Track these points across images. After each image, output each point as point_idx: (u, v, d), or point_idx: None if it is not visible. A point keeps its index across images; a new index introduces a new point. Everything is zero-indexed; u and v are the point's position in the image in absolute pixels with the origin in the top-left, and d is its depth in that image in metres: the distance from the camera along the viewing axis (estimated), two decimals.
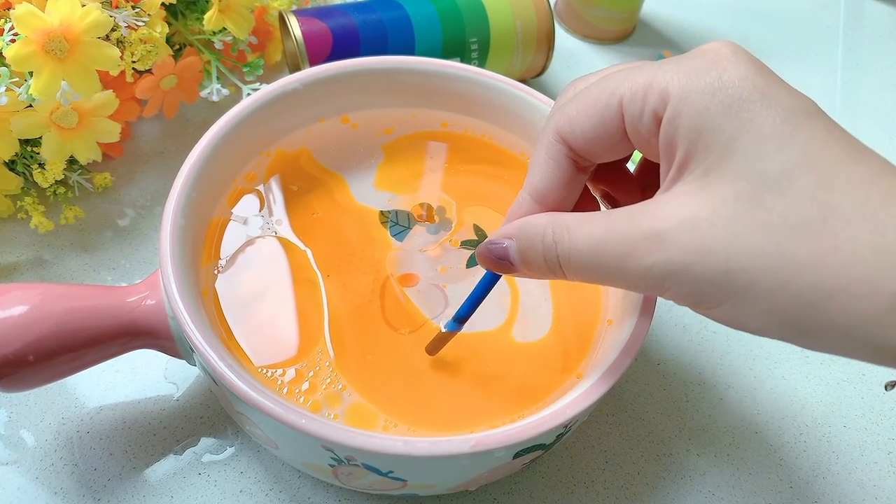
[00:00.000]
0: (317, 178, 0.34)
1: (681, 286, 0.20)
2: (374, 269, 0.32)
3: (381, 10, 0.41)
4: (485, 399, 0.28)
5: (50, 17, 0.30)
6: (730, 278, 0.19)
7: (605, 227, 0.21)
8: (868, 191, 0.18)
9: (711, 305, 0.20)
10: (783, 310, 0.19)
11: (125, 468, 0.31)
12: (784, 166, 0.19)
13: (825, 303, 0.18)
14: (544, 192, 0.24)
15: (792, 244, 0.18)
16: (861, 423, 0.35)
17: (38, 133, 0.33)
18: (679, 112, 0.20)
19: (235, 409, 0.27)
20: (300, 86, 0.33)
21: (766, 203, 0.19)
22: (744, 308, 0.20)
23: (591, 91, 0.23)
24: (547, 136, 0.24)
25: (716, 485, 0.32)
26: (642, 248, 0.20)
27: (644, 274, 0.21)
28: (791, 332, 0.19)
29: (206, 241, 0.31)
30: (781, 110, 0.19)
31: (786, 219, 0.19)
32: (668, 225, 0.20)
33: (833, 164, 0.19)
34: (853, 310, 0.18)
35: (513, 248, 0.24)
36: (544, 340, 0.30)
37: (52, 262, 0.37)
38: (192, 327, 0.25)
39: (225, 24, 0.38)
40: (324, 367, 0.28)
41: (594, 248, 0.22)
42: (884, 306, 0.18)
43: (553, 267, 0.23)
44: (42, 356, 0.26)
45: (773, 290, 0.19)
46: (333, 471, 0.26)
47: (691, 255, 0.20)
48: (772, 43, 0.55)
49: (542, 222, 0.23)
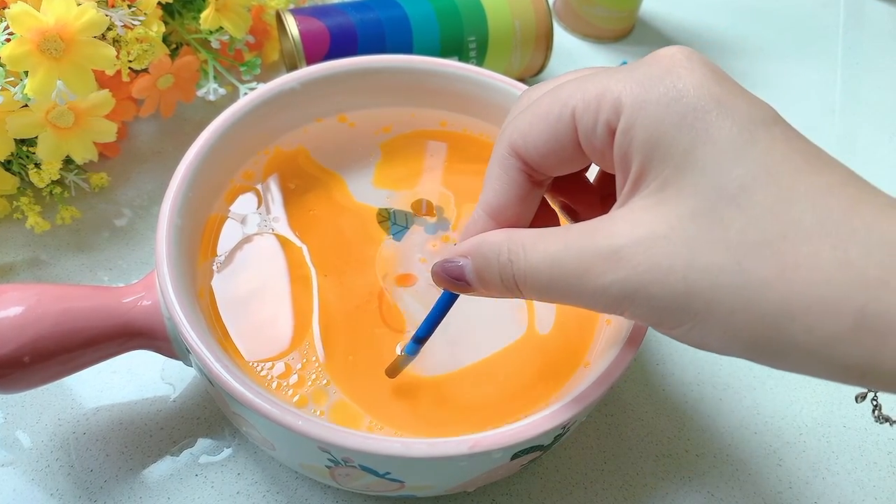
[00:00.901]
0: (315, 177, 0.34)
1: (638, 306, 0.20)
2: (371, 268, 0.31)
3: (378, 9, 0.41)
4: (473, 406, 0.28)
5: (45, 17, 0.30)
6: (689, 299, 0.19)
7: (562, 245, 0.21)
8: (829, 204, 0.18)
9: (672, 325, 0.20)
10: (745, 330, 0.18)
11: (122, 469, 0.30)
12: (742, 180, 0.18)
13: (788, 323, 0.18)
14: (499, 208, 0.23)
15: (752, 262, 0.18)
16: (860, 423, 0.35)
17: (33, 133, 0.33)
18: (633, 123, 0.20)
19: (232, 410, 0.27)
20: (297, 85, 0.33)
21: (724, 219, 0.18)
22: (705, 328, 0.19)
23: (543, 102, 0.22)
24: (500, 150, 0.23)
25: (715, 485, 0.32)
26: (599, 267, 0.20)
27: (601, 293, 0.20)
28: (755, 353, 0.19)
29: (203, 238, 0.31)
30: (738, 120, 0.19)
31: (745, 235, 0.18)
32: (624, 242, 0.19)
33: (793, 175, 0.18)
34: (817, 329, 0.17)
35: (468, 267, 0.23)
36: (520, 346, 0.30)
37: (48, 263, 0.37)
38: (188, 328, 0.25)
39: (222, 23, 0.38)
40: (310, 363, 0.28)
41: (550, 266, 0.21)
42: (847, 325, 0.17)
43: (510, 286, 0.22)
44: (38, 357, 0.26)
45: (735, 310, 0.18)
46: (330, 472, 0.26)
47: (648, 275, 0.19)
48: (771, 42, 0.55)
49: (498, 240, 0.22)
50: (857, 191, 0.18)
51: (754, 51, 0.54)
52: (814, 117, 0.50)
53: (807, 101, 0.51)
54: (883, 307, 0.17)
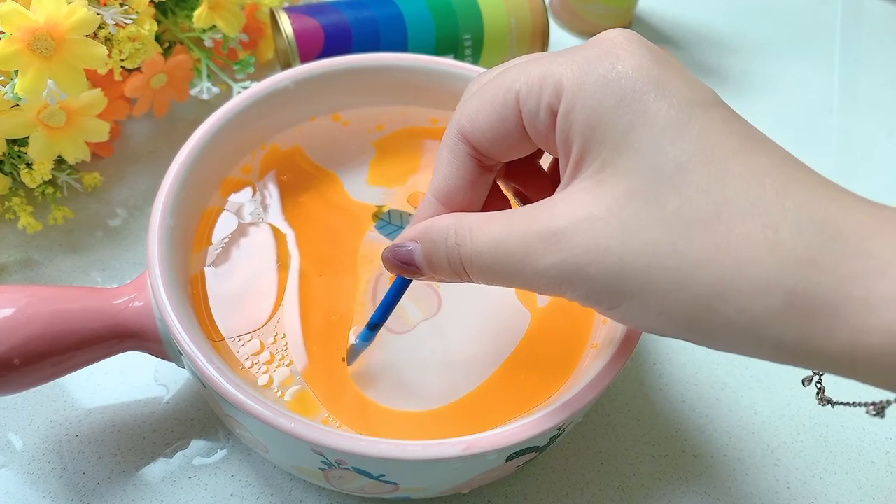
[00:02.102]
0: (311, 175, 0.34)
1: (577, 288, 0.20)
2: (367, 268, 0.31)
3: (373, 7, 0.41)
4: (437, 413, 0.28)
5: (35, 15, 0.30)
6: (625, 279, 0.19)
7: (506, 228, 0.21)
8: (763, 184, 0.18)
9: (610, 306, 0.20)
10: (680, 311, 0.18)
11: (114, 472, 0.30)
12: (678, 160, 0.18)
13: (721, 303, 0.18)
14: (449, 192, 0.23)
15: (686, 242, 0.18)
16: (858, 422, 0.34)
17: (25, 133, 0.33)
18: (573, 106, 0.20)
19: (225, 412, 0.26)
20: (291, 83, 0.33)
21: (660, 199, 0.18)
22: (641, 309, 0.19)
23: (489, 87, 0.22)
24: (449, 135, 0.23)
25: (712, 486, 0.32)
26: (539, 249, 0.20)
27: (542, 275, 0.20)
28: (690, 333, 0.19)
29: (198, 230, 0.31)
30: (677, 101, 0.19)
31: (680, 215, 0.18)
32: (564, 224, 0.19)
33: (729, 156, 0.18)
34: (749, 309, 0.18)
35: (418, 251, 0.23)
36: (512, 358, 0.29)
37: (40, 263, 0.36)
38: (180, 330, 0.25)
39: (215, 21, 0.38)
40: (279, 344, 0.28)
41: (494, 249, 0.21)
42: (778, 305, 0.17)
43: (457, 269, 0.22)
44: (28, 359, 0.25)
45: (669, 291, 0.18)
46: (324, 474, 0.26)
47: (586, 256, 0.19)
48: (769, 39, 0.55)
49: (446, 224, 0.22)
50: (791, 171, 0.18)
51: (752, 48, 0.54)
52: (812, 115, 0.50)
53: (805, 99, 0.51)
54: (812, 287, 0.17)
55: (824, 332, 0.17)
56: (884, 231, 0.17)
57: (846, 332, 0.17)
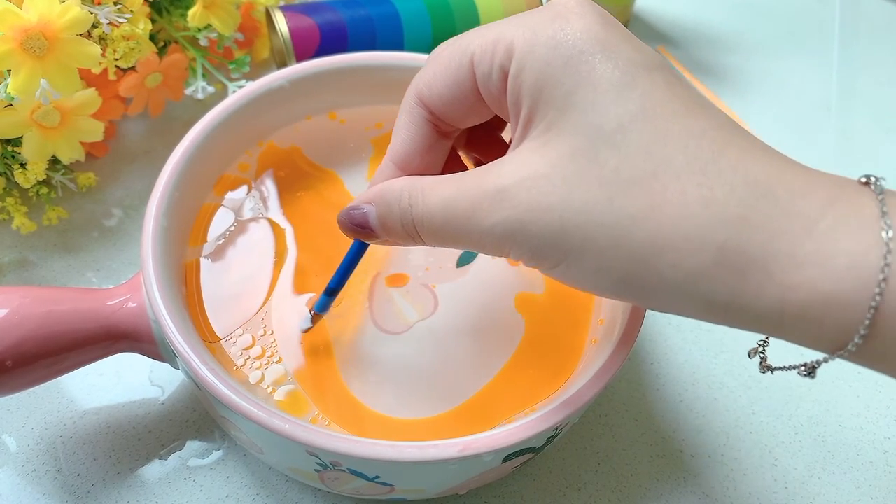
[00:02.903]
0: (310, 175, 0.34)
1: (520, 245, 0.20)
2: (362, 268, 0.31)
3: (369, 6, 0.41)
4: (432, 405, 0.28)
5: (28, 15, 0.29)
6: (565, 236, 0.19)
7: (456, 188, 0.21)
8: (701, 145, 0.18)
9: (551, 265, 0.20)
10: (617, 267, 0.19)
11: (109, 473, 0.30)
12: (620, 120, 0.19)
13: (656, 259, 0.18)
14: (405, 156, 0.24)
15: (624, 199, 0.18)
16: (857, 422, 0.34)
17: (18, 132, 0.33)
18: (522, 67, 0.20)
19: (219, 413, 0.26)
20: (286, 83, 0.33)
21: (600, 158, 0.19)
22: (580, 266, 0.19)
23: (446, 51, 0.22)
24: (407, 100, 0.24)
25: (710, 486, 0.32)
26: (485, 207, 0.20)
27: (487, 233, 0.20)
28: (627, 290, 0.19)
29: (193, 227, 0.31)
30: (621, 64, 0.19)
31: (619, 173, 0.18)
32: (509, 182, 0.20)
33: (669, 117, 0.19)
34: (682, 265, 0.18)
35: (372, 213, 0.23)
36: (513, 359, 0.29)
37: (35, 264, 0.36)
38: (174, 331, 0.25)
39: (210, 20, 0.38)
40: (269, 346, 0.28)
41: (444, 209, 0.21)
42: (710, 260, 0.18)
43: (410, 231, 0.22)
44: (20, 361, 0.25)
45: (607, 247, 0.19)
46: (320, 476, 0.26)
47: (529, 213, 0.19)
48: (767, 38, 0.54)
49: (400, 186, 0.23)
50: (729, 135, 0.19)
51: (750, 47, 0.53)
52: (810, 113, 0.49)
53: (803, 98, 0.50)
54: (743, 244, 0.17)
55: (753, 288, 0.18)
56: (813, 191, 0.18)
57: (774, 288, 0.17)
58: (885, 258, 0.16)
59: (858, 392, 0.35)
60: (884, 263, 0.16)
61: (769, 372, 0.22)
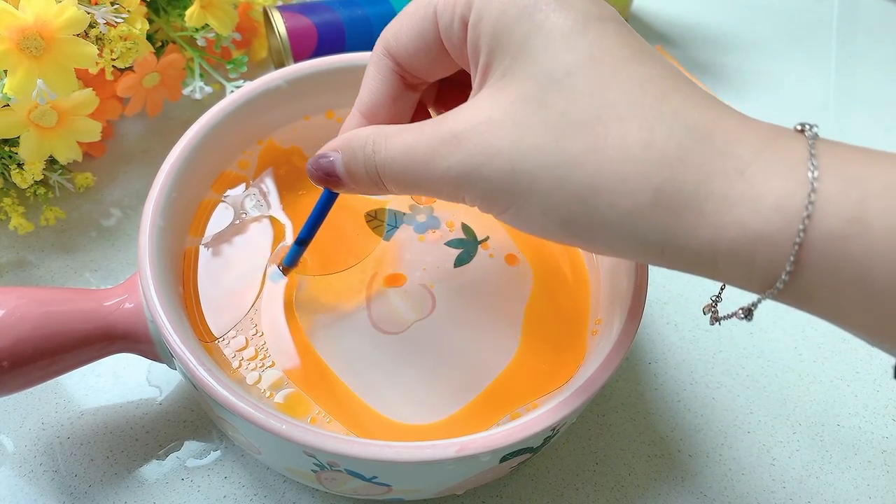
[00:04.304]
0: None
1: (473, 188, 0.21)
2: (360, 268, 0.31)
3: (366, 6, 0.41)
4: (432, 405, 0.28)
5: (24, 15, 0.29)
6: (514, 178, 0.20)
7: (416, 134, 0.22)
8: (645, 90, 0.19)
9: (502, 209, 0.21)
10: (560, 208, 0.19)
11: (107, 474, 0.30)
12: (569, 67, 0.19)
13: (596, 199, 0.19)
14: (372, 106, 0.24)
15: (569, 142, 0.19)
16: (855, 421, 0.34)
17: (15, 133, 0.33)
18: (481, 16, 0.21)
19: (216, 414, 0.26)
20: (284, 83, 0.33)
21: (549, 102, 0.19)
22: (528, 209, 0.20)
23: (413, 4, 0.23)
24: (375, 51, 0.24)
25: (708, 485, 0.32)
26: (441, 152, 0.21)
27: (443, 176, 0.21)
28: (572, 232, 0.20)
29: (190, 231, 0.31)
30: (574, 14, 0.20)
31: (565, 117, 0.19)
32: (465, 128, 0.20)
33: (616, 64, 0.19)
34: (620, 205, 0.19)
35: (339, 161, 0.24)
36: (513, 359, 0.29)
37: (33, 264, 0.36)
38: (171, 332, 0.25)
39: (207, 20, 0.37)
40: (261, 347, 0.28)
41: (404, 154, 0.22)
42: (647, 200, 0.18)
43: (374, 178, 0.23)
44: (17, 362, 0.25)
45: (552, 188, 0.19)
46: (317, 476, 0.26)
47: (481, 156, 0.20)
48: (765, 37, 0.54)
49: (365, 134, 0.23)
50: (673, 82, 0.19)
51: (748, 46, 0.53)
52: (808, 112, 0.49)
53: (801, 97, 0.50)
54: (678, 185, 0.18)
55: (687, 228, 0.18)
56: (749, 136, 0.18)
57: (706, 228, 0.18)
58: (809, 197, 0.17)
59: (856, 392, 0.35)
60: (808, 202, 0.17)
61: (717, 323, 0.23)
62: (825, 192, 0.17)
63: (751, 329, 0.37)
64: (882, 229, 0.17)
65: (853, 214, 0.17)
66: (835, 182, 0.17)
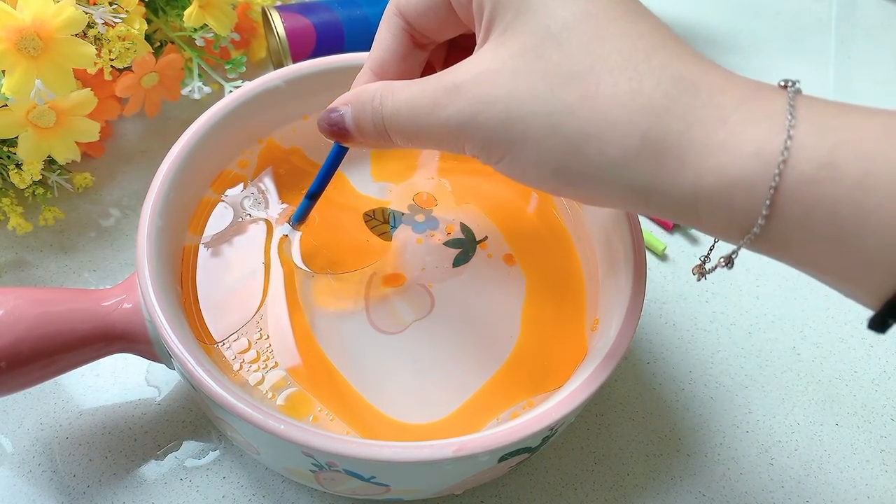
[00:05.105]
0: (311, 174, 0.34)
1: (472, 137, 0.21)
2: (355, 263, 0.31)
3: (365, 6, 0.41)
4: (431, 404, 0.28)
5: (22, 15, 0.29)
6: (509, 126, 0.21)
7: (421, 87, 0.23)
8: (636, 45, 0.20)
9: (498, 157, 0.22)
10: (553, 156, 0.20)
11: (105, 474, 0.30)
12: (565, 21, 0.20)
13: (586, 145, 0.20)
14: (382, 63, 0.26)
15: (562, 91, 0.20)
16: (853, 420, 0.34)
17: (13, 133, 0.33)
18: None
19: (215, 414, 0.26)
20: (282, 83, 0.33)
21: (545, 54, 0.20)
22: (522, 157, 0.21)
23: None
24: (387, 12, 0.26)
25: (706, 485, 0.32)
26: (443, 101, 0.22)
27: (444, 125, 0.22)
28: (563, 181, 0.21)
29: (188, 231, 0.31)
30: None
31: (560, 67, 0.20)
32: (465, 78, 0.21)
33: (610, 20, 0.20)
34: (608, 151, 0.20)
35: (348, 114, 0.25)
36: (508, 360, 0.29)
37: (32, 265, 0.36)
38: (169, 332, 0.25)
39: (206, 20, 0.37)
40: (265, 350, 0.28)
41: (408, 105, 0.23)
42: (634, 147, 0.19)
43: (380, 130, 0.24)
44: (14, 362, 0.25)
45: (545, 136, 0.20)
46: (315, 476, 0.26)
47: (479, 105, 0.21)
48: (764, 36, 0.54)
49: (374, 88, 0.24)
50: (663, 38, 0.20)
51: (747, 46, 0.53)
52: None
53: None
54: (663, 132, 0.19)
55: (670, 175, 0.19)
56: (733, 89, 0.19)
57: (688, 175, 0.19)
58: (785, 143, 0.18)
59: (855, 391, 0.35)
60: (783, 147, 0.18)
61: (704, 278, 0.24)
62: (800, 140, 0.18)
63: (749, 329, 0.37)
64: (851, 174, 0.17)
65: (826, 160, 0.18)
66: (810, 130, 0.18)
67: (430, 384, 0.28)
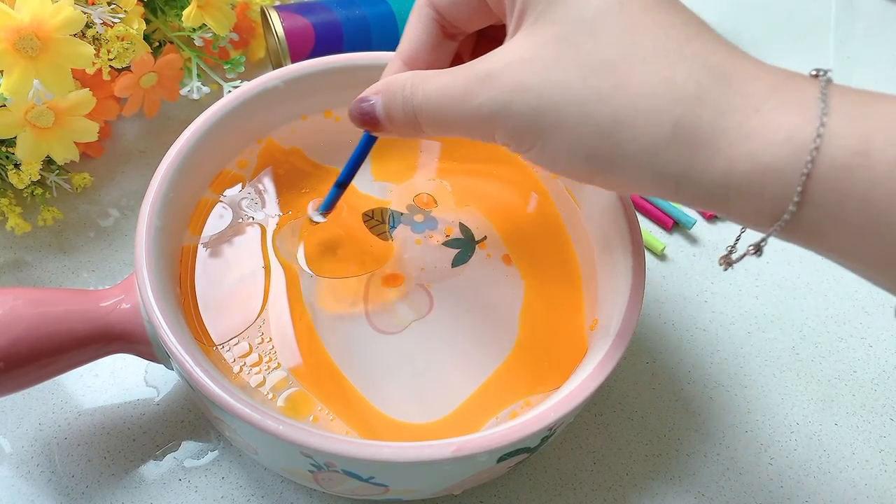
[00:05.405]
0: (310, 174, 0.34)
1: (503, 125, 0.22)
2: (358, 267, 0.31)
3: (364, 6, 0.41)
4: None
5: (20, 15, 0.29)
6: (541, 114, 0.21)
7: (452, 76, 0.23)
8: (668, 35, 0.20)
9: (530, 144, 0.22)
10: (585, 143, 0.20)
11: (104, 475, 0.30)
12: (598, 10, 0.20)
13: (618, 132, 0.20)
14: (412, 54, 0.26)
15: (595, 79, 0.20)
16: (852, 420, 0.34)
17: (12, 133, 0.33)
18: None
19: (213, 414, 0.26)
20: (281, 83, 0.33)
21: (578, 43, 0.20)
22: (554, 144, 0.21)
23: None
24: (418, 2, 0.26)
25: (706, 485, 0.32)
26: (475, 89, 0.22)
27: (475, 113, 0.22)
28: (595, 167, 0.21)
29: (187, 231, 0.31)
30: None
31: (593, 56, 0.20)
32: (497, 67, 0.22)
33: (642, 10, 0.20)
34: (640, 139, 0.20)
35: (379, 103, 0.25)
36: (505, 361, 0.29)
37: (30, 265, 0.36)
38: (167, 332, 0.25)
39: (205, 20, 0.37)
40: (267, 352, 0.28)
41: (440, 94, 0.23)
42: (665, 134, 0.19)
43: (410, 118, 0.24)
44: (13, 363, 0.25)
45: (577, 123, 0.20)
46: (314, 476, 0.26)
47: (512, 93, 0.21)
48: (763, 36, 0.54)
49: (405, 77, 0.24)
50: (696, 29, 0.21)
51: (746, 45, 0.53)
52: None
53: None
54: (696, 120, 0.19)
55: (702, 162, 0.19)
56: (764, 77, 0.20)
57: (720, 162, 0.19)
58: (817, 130, 0.18)
59: (854, 391, 0.35)
60: (816, 135, 0.18)
61: (730, 267, 0.23)
62: (833, 127, 0.18)
63: (749, 329, 0.37)
64: (884, 161, 0.17)
65: (859, 147, 0.18)
66: (843, 118, 0.18)
67: (429, 384, 0.28)
